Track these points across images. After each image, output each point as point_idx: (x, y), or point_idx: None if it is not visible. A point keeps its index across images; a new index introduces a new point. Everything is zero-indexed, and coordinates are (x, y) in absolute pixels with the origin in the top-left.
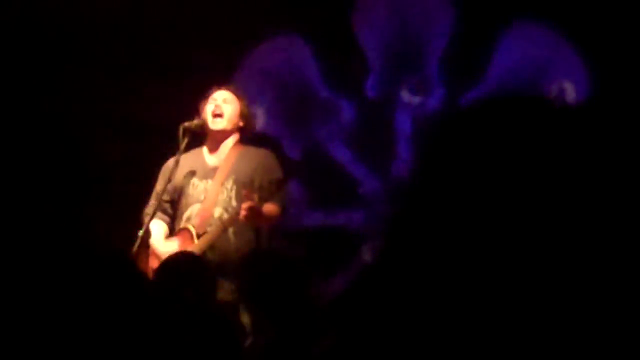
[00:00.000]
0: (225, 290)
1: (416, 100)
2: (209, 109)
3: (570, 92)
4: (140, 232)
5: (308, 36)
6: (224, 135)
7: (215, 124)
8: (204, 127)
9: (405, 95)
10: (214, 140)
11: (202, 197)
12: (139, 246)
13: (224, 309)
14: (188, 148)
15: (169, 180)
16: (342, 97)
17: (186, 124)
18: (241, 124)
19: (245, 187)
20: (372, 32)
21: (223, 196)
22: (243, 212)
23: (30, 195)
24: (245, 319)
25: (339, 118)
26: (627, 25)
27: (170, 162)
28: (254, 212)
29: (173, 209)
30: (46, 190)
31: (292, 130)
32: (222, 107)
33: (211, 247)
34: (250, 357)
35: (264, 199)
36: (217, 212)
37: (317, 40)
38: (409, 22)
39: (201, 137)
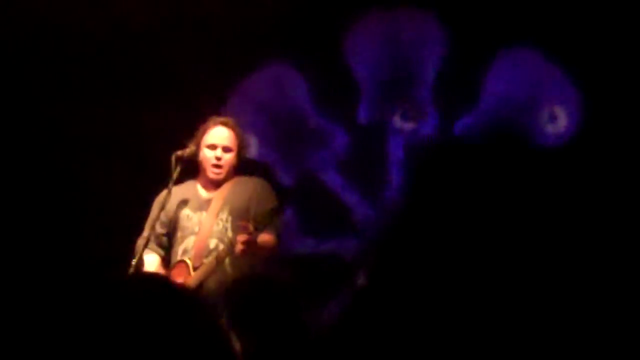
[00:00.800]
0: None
1: (408, 126)
2: (208, 153)
3: (562, 117)
4: (134, 261)
5: (300, 64)
6: None
7: (214, 175)
8: (196, 155)
9: (398, 122)
10: (207, 174)
11: (196, 229)
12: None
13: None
14: (180, 176)
15: (162, 209)
16: (335, 124)
17: (179, 152)
18: (238, 159)
19: (240, 217)
20: (364, 59)
21: (218, 227)
22: (239, 246)
23: (22, 225)
24: (236, 346)
25: (331, 145)
26: (618, 52)
27: (164, 192)
28: (250, 244)
29: (168, 242)
30: (39, 218)
31: (285, 157)
32: (223, 157)
33: (208, 279)
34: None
35: (259, 229)
36: (213, 243)
37: (309, 68)
38: (401, 48)
39: (194, 164)
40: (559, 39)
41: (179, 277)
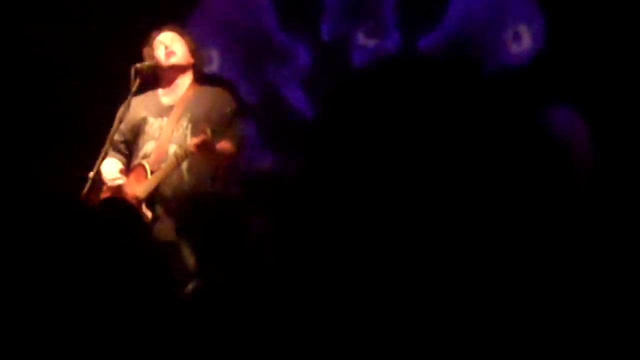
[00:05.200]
0: (168, 230)
1: (372, 43)
2: (159, 52)
3: (526, 36)
4: (91, 174)
5: None
6: (178, 72)
7: (169, 60)
8: (155, 68)
9: (361, 39)
10: (169, 80)
11: (157, 135)
12: (92, 186)
13: (166, 250)
14: (140, 91)
15: (120, 121)
16: (298, 40)
17: (138, 65)
18: (192, 60)
19: (200, 124)
20: None
21: (178, 133)
22: (194, 145)
23: None
24: (189, 261)
25: (294, 61)
26: None
27: (124, 105)
28: (206, 145)
29: (128, 149)
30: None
31: (248, 73)
32: (172, 46)
33: (164, 182)
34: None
35: (218, 133)
36: (172, 148)
37: None
38: None
39: (153, 81)
40: None
41: (137, 180)
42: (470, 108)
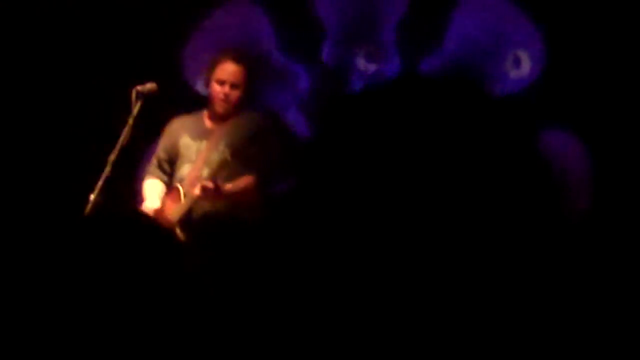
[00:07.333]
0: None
1: (372, 67)
2: (217, 88)
3: (526, 62)
4: (92, 196)
5: (264, 1)
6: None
7: (221, 109)
8: (156, 91)
9: (361, 63)
10: (215, 107)
11: (194, 157)
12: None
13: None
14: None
15: (122, 144)
16: (298, 64)
17: (139, 87)
18: (247, 95)
19: (238, 151)
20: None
21: (214, 158)
22: (197, 192)
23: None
24: (180, 236)
25: (294, 85)
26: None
27: (174, 122)
28: (208, 194)
29: (172, 168)
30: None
31: None
32: (230, 94)
33: (196, 207)
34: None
35: (242, 158)
36: (205, 172)
37: (273, 6)
38: None
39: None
40: None
41: (173, 203)
42: (470, 131)
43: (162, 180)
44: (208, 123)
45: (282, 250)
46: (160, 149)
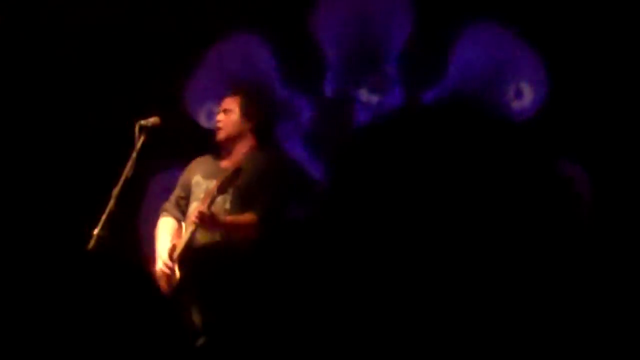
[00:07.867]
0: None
1: (374, 99)
2: (214, 122)
3: (528, 93)
4: (96, 231)
5: (267, 35)
6: (233, 140)
7: (217, 136)
8: (159, 125)
9: (364, 94)
10: (225, 146)
11: (202, 196)
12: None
13: (178, 308)
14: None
15: (126, 178)
16: (301, 96)
17: (142, 122)
18: (248, 125)
19: (243, 192)
20: (331, 31)
21: (220, 197)
22: (194, 218)
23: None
24: (196, 318)
25: (297, 117)
26: (584, 28)
27: (194, 161)
28: (204, 219)
29: (187, 206)
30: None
31: None
32: (222, 120)
33: (194, 242)
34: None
35: (246, 198)
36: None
37: (275, 39)
38: (368, 21)
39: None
40: (527, 15)
41: (178, 240)
42: (476, 161)
43: (176, 217)
44: (222, 162)
45: (285, 279)
46: (178, 186)
